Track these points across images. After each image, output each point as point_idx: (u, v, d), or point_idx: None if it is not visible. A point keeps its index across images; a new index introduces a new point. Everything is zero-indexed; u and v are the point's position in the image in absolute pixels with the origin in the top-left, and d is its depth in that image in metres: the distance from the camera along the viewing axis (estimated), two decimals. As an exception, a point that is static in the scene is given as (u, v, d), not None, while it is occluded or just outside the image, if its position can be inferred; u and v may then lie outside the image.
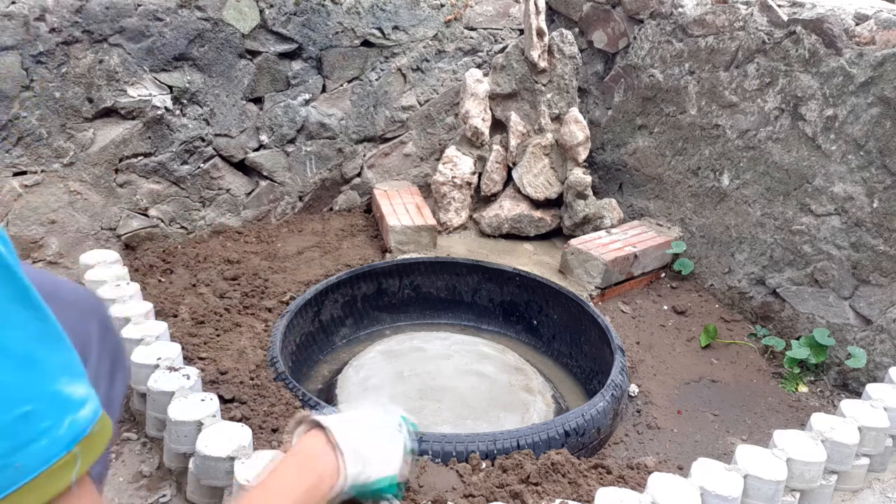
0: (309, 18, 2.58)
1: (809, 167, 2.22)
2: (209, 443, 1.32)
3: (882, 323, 2.04)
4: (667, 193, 2.77)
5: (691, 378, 2.14)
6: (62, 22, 2.10)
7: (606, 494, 1.29)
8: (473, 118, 2.79)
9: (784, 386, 2.11)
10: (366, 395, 1.89)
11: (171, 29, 2.30)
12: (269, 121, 2.63)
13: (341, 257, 2.54)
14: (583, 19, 3.02)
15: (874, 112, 2.02)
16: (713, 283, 2.57)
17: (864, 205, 2.06)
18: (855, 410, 1.57)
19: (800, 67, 2.21)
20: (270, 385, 1.73)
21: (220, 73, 2.45)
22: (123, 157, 2.34)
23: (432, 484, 1.43)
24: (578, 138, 2.72)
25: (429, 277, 2.47)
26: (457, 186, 2.81)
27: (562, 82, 2.78)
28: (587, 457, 1.69)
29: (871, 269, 2.06)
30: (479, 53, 3.08)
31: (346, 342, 2.34)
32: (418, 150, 3.11)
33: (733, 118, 2.45)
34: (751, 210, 2.42)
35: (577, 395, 2.17)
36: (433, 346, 2.17)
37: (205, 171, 2.54)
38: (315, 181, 2.84)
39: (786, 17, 2.25)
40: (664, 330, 2.37)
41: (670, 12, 2.65)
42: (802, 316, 2.26)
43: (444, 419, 1.83)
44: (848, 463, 1.49)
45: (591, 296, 2.44)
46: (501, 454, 1.53)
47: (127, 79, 2.27)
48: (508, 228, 2.83)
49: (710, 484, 1.30)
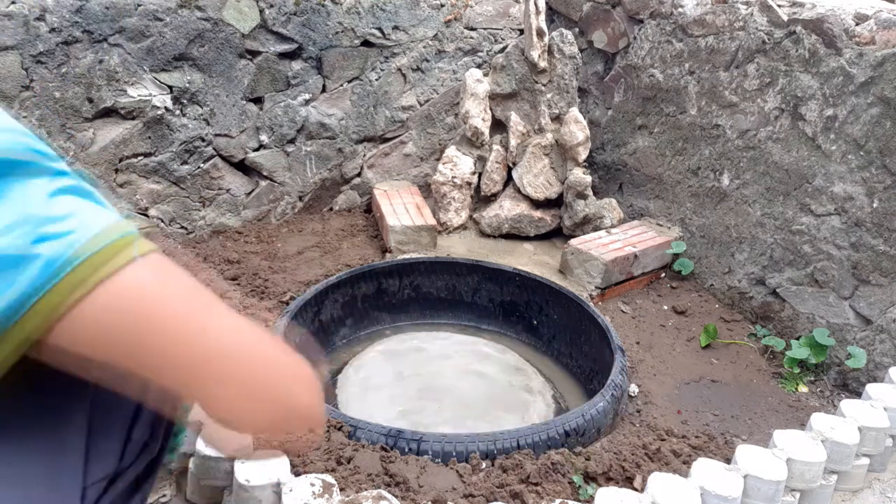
0: (309, 18, 2.58)
1: (809, 167, 2.22)
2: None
3: (882, 323, 2.04)
4: (667, 193, 2.77)
5: (691, 378, 2.14)
6: (62, 22, 2.10)
7: (606, 494, 1.29)
8: (473, 118, 2.79)
9: (784, 386, 2.11)
10: (366, 395, 1.90)
11: (171, 29, 2.30)
12: (269, 121, 2.63)
13: (341, 257, 2.54)
14: (583, 19, 3.02)
15: (874, 112, 2.02)
16: (713, 283, 2.57)
17: (864, 205, 2.06)
18: (855, 410, 1.57)
19: (800, 67, 2.21)
20: (270, 385, 1.73)
21: (220, 73, 2.45)
22: (123, 157, 2.35)
23: (432, 484, 1.43)
24: (578, 138, 2.72)
25: (429, 277, 2.47)
26: (457, 186, 2.81)
27: (562, 82, 2.78)
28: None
29: (871, 269, 2.06)
30: (479, 53, 3.08)
31: (346, 342, 2.34)
32: (418, 150, 3.11)
33: (733, 118, 2.45)
34: (751, 210, 2.42)
35: (577, 395, 2.17)
36: (433, 346, 2.17)
37: (205, 171, 2.54)
38: (315, 181, 2.84)
39: (786, 17, 2.25)
40: (664, 330, 2.37)
41: (670, 12, 2.65)
42: (802, 316, 2.26)
43: (444, 419, 1.83)
44: (848, 463, 1.49)
45: (591, 296, 2.44)
46: (501, 454, 1.53)
47: (127, 79, 2.27)
48: (508, 228, 2.83)
49: (710, 484, 1.30)
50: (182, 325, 0.65)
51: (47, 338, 0.58)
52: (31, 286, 0.55)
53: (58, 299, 0.57)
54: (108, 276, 0.59)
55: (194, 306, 0.67)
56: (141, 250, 0.63)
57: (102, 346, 0.61)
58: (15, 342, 0.56)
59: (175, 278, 0.66)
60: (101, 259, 0.59)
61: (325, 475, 1.26)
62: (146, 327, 0.62)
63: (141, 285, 0.62)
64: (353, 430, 1.55)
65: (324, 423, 0.75)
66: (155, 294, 0.63)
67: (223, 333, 0.68)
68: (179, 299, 0.65)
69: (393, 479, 1.42)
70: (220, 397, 0.68)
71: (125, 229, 0.62)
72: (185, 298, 0.66)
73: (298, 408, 0.72)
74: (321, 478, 1.24)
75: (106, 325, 0.60)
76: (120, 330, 0.61)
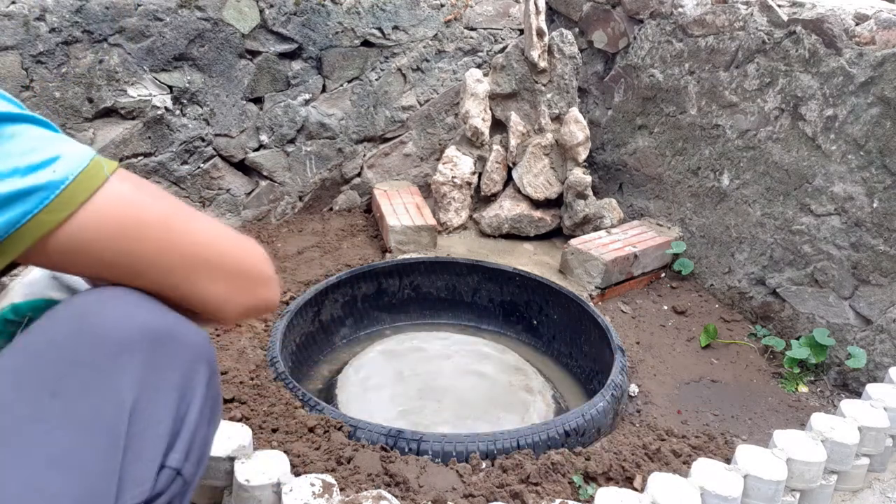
0: (309, 18, 2.58)
1: (809, 167, 2.22)
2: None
3: (882, 323, 2.04)
4: (667, 193, 2.77)
5: (691, 378, 2.14)
6: (62, 22, 2.10)
7: (606, 494, 1.29)
8: (473, 118, 2.79)
9: (784, 386, 2.11)
10: (366, 395, 1.90)
11: (171, 29, 2.30)
12: (269, 121, 2.63)
13: (341, 257, 2.54)
14: (583, 19, 3.02)
15: (874, 112, 2.02)
16: (713, 283, 2.57)
17: (864, 205, 2.06)
18: (855, 410, 1.57)
19: (800, 67, 2.21)
20: (270, 385, 1.73)
21: (220, 73, 2.45)
22: (123, 157, 2.34)
23: (432, 484, 1.43)
24: (578, 138, 2.72)
25: (429, 277, 2.47)
26: (457, 186, 2.81)
27: (562, 82, 2.78)
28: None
29: (871, 269, 2.06)
30: (479, 53, 3.08)
31: (346, 342, 2.34)
32: (418, 150, 3.11)
33: (733, 118, 2.45)
34: (751, 210, 2.42)
35: (577, 395, 2.17)
36: (433, 346, 2.17)
37: (205, 171, 2.55)
38: (315, 181, 2.84)
39: (786, 17, 2.25)
40: (664, 330, 2.37)
41: (670, 12, 2.65)
42: (802, 316, 2.27)
43: (444, 419, 1.83)
44: (848, 463, 1.49)
45: (591, 296, 2.44)
46: (501, 454, 1.53)
47: (127, 79, 2.27)
48: (508, 228, 2.83)
49: (710, 484, 1.30)
50: (166, 229, 0.71)
51: (35, 253, 0.64)
52: (21, 211, 0.62)
53: (47, 219, 0.63)
54: (89, 196, 0.65)
55: (173, 210, 0.73)
56: (110, 168, 0.68)
57: (94, 259, 0.67)
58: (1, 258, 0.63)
59: (147, 188, 0.73)
60: (81, 181, 0.65)
61: (325, 475, 1.26)
62: (134, 234, 0.68)
63: (121, 198, 0.68)
64: (353, 430, 1.55)
65: (278, 285, 0.86)
66: (136, 203, 0.69)
67: (203, 233, 0.75)
68: (158, 206, 0.71)
69: (393, 479, 1.42)
70: (210, 291, 0.75)
71: (91, 152, 0.68)
72: (162, 205, 0.72)
73: (269, 282, 0.82)
74: (321, 478, 1.24)
75: (93, 240, 0.66)
76: (109, 242, 0.67)
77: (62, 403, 0.63)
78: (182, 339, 0.73)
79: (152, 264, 0.70)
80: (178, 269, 0.72)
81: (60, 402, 0.63)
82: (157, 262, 0.70)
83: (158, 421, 0.68)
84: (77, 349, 0.65)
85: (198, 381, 0.74)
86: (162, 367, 0.69)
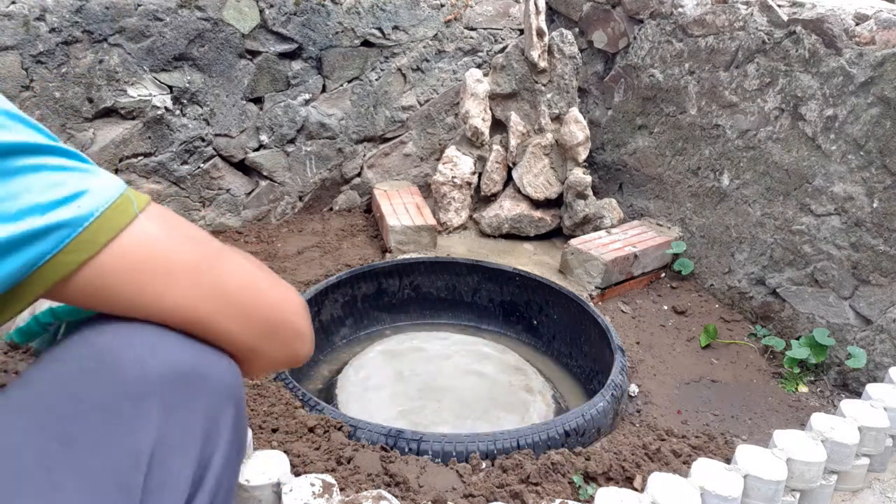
0: (309, 18, 2.58)
1: (809, 167, 2.22)
2: (209, 443, 1.32)
3: (882, 323, 2.04)
4: (667, 193, 2.77)
5: (691, 378, 2.14)
6: (62, 22, 2.10)
7: (606, 494, 1.29)
8: (473, 118, 2.79)
9: (784, 386, 2.11)
10: (366, 395, 1.90)
11: (171, 29, 2.30)
12: (269, 121, 2.63)
13: (341, 257, 2.54)
14: (583, 19, 3.02)
15: (874, 112, 2.02)
16: (713, 283, 2.57)
17: (864, 205, 2.06)
18: (855, 410, 1.57)
19: (800, 67, 2.21)
20: (270, 385, 1.73)
21: (220, 73, 2.45)
22: (123, 157, 2.35)
23: (432, 484, 1.43)
24: (578, 138, 2.72)
25: (429, 277, 2.47)
26: (457, 186, 2.81)
27: (562, 82, 2.78)
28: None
29: (871, 269, 2.06)
30: (479, 53, 3.08)
31: (346, 342, 2.34)
32: (418, 150, 3.11)
33: (733, 118, 2.45)
34: (751, 210, 2.42)
35: (577, 395, 2.17)
36: (433, 346, 2.17)
37: (205, 171, 2.55)
38: (315, 181, 2.84)
39: (786, 17, 2.25)
40: (664, 330, 2.37)
41: (670, 12, 2.65)
42: (802, 316, 2.27)
43: (444, 419, 1.83)
44: (848, 463, 1.49)
45: (591, 296, 2.44)
46: (501, 454, 1.53)
47: (127, 79, 2.27)
48: (508, 228, 2.83)
49: (710, 484, 1.30)
50: (196, 276, 0.66)
51: (53, 294, 0.60)
52: (38, 252, 0.57)
53: (66, 260, 0.58)
54: (114, 236, 0.61)
55: (205, 255, 0.68)
56: (140, 205, 0.64)
57: (115, 302, 0.63)
58: (21, 300, 0.59)
59: (179, 227, 0.68)
60: (106, 219, 0.60)
61: (325, 475, 1.26)
62: (161, 281, 0.64)
63: (148, 239, 0.63)
64: (353, 430, 1.55)
65: (313, 342, 0.81)
66: (164, 247, 0.65)
67: (236, 281, 0.70)
68: (189, 250, 0.67)
69: (393, 479, 1.42)
70: (239, 343, 0.70)
71: (121, 186, 0.63)
72: (194, 249, 0.68)
73: (303, 337, 0.77)
74: (321, 478, 1.24)
75: (115, 284, 0.62)
76: (133, 286, 0.63)
77: (73, 453, 0.58)
78: (208, 377, 0.67)
79: (177, 310, 0.66)
80: (206, 319, 0.67)
81: (71, 452, 0.58)
82: (183, 310, 0.66)
83: (179, 472, 0.63)
84: (92, 390, 0.60)
85: (224, 423, 0.69)
86: (185, 411, 0.64)
